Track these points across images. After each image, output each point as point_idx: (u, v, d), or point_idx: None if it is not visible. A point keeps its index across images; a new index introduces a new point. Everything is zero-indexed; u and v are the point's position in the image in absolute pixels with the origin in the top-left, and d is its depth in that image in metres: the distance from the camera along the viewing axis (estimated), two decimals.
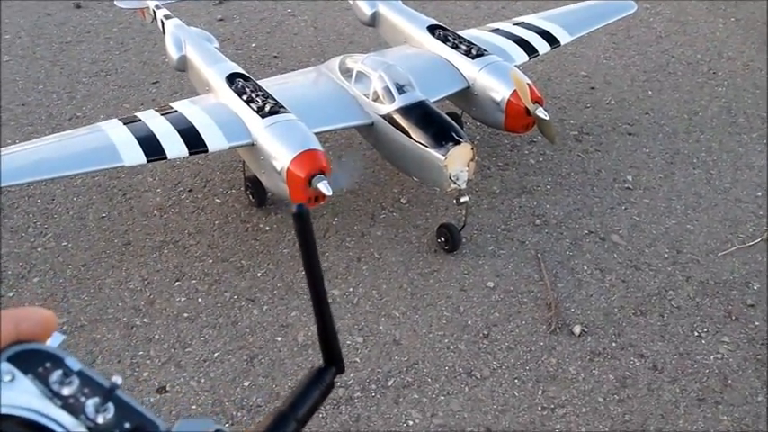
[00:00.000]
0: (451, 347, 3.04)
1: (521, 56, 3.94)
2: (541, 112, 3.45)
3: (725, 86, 4.95)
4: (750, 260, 3.49)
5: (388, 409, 2.79)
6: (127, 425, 0.41)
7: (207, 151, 3.24)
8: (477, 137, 4.29)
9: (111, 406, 0.41)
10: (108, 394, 0.42)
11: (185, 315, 3.20)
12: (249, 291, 3.32)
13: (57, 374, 0.41)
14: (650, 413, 2.77)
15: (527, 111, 3.46)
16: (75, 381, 0.41)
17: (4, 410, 0.38)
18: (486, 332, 3.10)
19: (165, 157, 3.16)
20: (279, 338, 3.09)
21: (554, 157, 4.19)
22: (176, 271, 3.43)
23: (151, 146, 3.15)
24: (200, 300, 3.28)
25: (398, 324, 3.15)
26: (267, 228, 3.67)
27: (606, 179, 4.03)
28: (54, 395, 0.40)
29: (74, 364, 0.42)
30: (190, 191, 3.93)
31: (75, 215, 3.78)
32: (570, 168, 4.11)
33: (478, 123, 4.05)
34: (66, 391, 0.41)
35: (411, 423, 2.74)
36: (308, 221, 0.57)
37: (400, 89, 3.39)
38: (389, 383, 2.89)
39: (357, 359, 2.98)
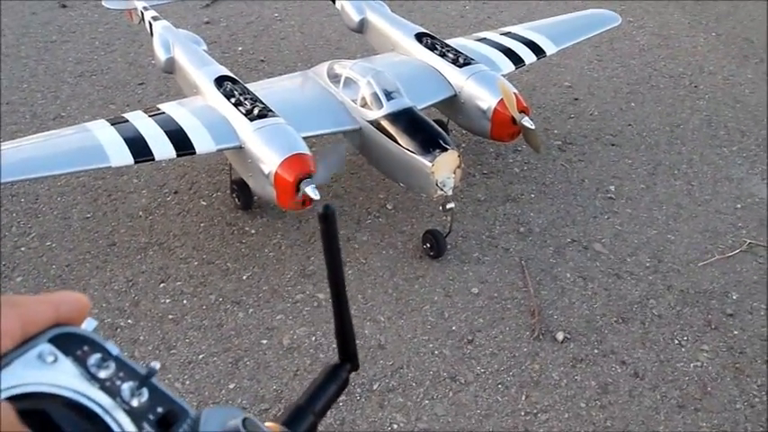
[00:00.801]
0: (436, 352, 3.06)
1: (507, 65, 3.99)
2: (527, 122, 3.49)
3: (706, 100, 5.03)
4: (729, 270, 3.55)
5: (373, 412, 2.81)
6: (159, 409, 0.43)
7: (194, 153, 3.24)
8: (463, 144, 4.32)
9: (145, 391, 0.43)
10: (143, 380, 0.43)
11: (170, 317, 3.19)
12: (235, 293, 3.32)
13: (95, 358, 0.42)
14: (631, 419, 2.81)
15: (513, 120, 3.50)
16: (112, 365, 0.43)
17: (49, 390, 0.39)
18: (470, 338, 3.13)
19: (153, 159, 3.16)
20: (264, 341, 3.09)
21: (538, 166, 4.23)
22: (161, 273, 3.43)
23: (139, 147, 3.15)
24: (185, 302, 3.27)
25: (383, 329, 3.16)
26: (253, 231, 3.67)
27: (589, 189, 4.08)
28: (92, 377, 0.42)
29: (112, 348, 0.44)
30: (175, 193, 3.92)
31: (59, 215, 3.77)
32: (554, 177, 4.15)
33: (464, 131, 4.09)
34: (103, 375, 0.42)
35: (395, 427, 2.76)
36: (333, 222, 0.60)
37: (388, 95, 3.42)
38: (374, 387, 2.90)
39: None
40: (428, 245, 3.51)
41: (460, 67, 3.75)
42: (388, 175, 3.57)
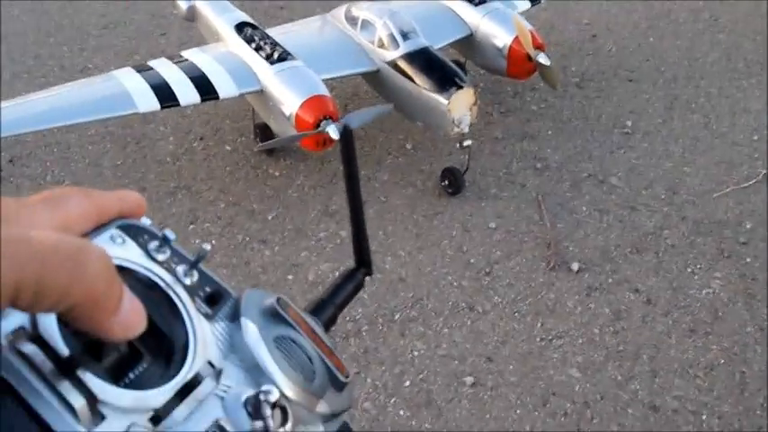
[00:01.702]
0: (455, 284, 3.18)
1: (523, 3, 4.01)
2: (543, 58, 3.53)
3: (726, 33, 5.00)
4: (744, 201, 3.60)
5: (395, 341, 2.95)
6: (207, 288, 0.49)
7: (218, 98, 3.34)
8: (481, 84, 4.37)
9: (195, 273, 0.49)
10: (194, 263, 0.49)
11: (213, 242, 3.33)
12: (260, 233, 3.46)
13: (154, 244, 0.48)
14: (643, 343, 2.92)
15: (529, 57, 3.55)
16: (168, 250, 0.48)
17: (122, 263, 0.45)
18: (487, 270, 3.24)
19: (178, 104, 3.27)
20: (290, 277, 3.23)
21: (555, 103, 4.28)
22: (190, 215, 3.57)
23: (164, 93, 3.26)
24: (213, 242, 3.41)
25: (404, 263, 3.29)
26: (277, 173, 3.79)
27: (606, 124, 4.12)
28: (153, 259, 0.48)
29: (170, 234, 0.49)
30: (201, 139, 4.04)
31: (90, 163, 3.91)
32: (571, 114, 4.20)
33: (482, 71, 4.14)
34: (161, 257, 0.48)
35: (416, 353, 2.90)
36: (351, 139, 0.68)
37: (405, 36, 3.48)
38: (396, 318, 3.04)
39: (365, 296, 3.12)
40: (446, 182, 3.61)
41: (476, 5, 3.79)
42: (406, 115, 3.65)
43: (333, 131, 3.07)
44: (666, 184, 3.70)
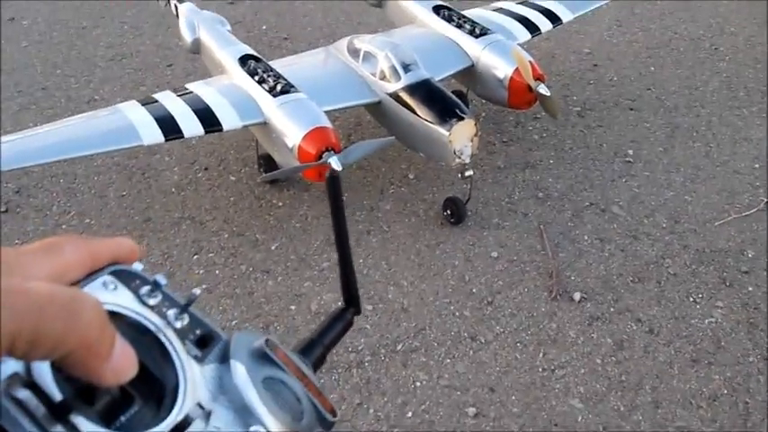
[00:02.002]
0: (457, 314, 3.19)
1: (523, 34, 4.06)
2: (543, 89, 3.57)
3: (726, 61, 5.04)
4: (746, 229, 3.61)
5: (397, 371, 2.95)
6: (198, 331, 0.51)
7: (221, 130, 3.38)
8: (483, 114, 4.41)
9: (186, 316, 0.51)
10: (185, 307, 0.51)
11: (204, 286, 3.36)
12: (264, 263, 3.48)
13: (145, 288, 0.50)
14: (645, 373, 2.92)
15: (529, 87, 3.58)
16: (159, 295, 0.50)
17: (114, 309, 0.48)
18: (490, 299, 3.25)
19: (182, 136, 3.31)
20: (293, 307, 3.25)
21: (557, 132, 4.31)
22: (194, 245, 3.59)
23: (168, 125, 3.30)
24: (217, 272, 3.44)
25: (406, 293, 3.30)
26: (280, 203, 3.82)
27: (607, 153, 4.15)
28: (144, 304, 0.50)
29: (161, 279, 0.51)
30: (206, 169, 4.08)
31: (96, 193, 3.95)
32: (573, 143, 4.23)
33: (484, 101, 4.18)
34: (152, 302, 0.50)
35: (418, 384, 2.90)
36: (338, 184, 0.70)
37: (406, 68, 3.53)
38: (398, 348, 3.04)
39: (367, 326, 3.14)
40: (449, 212, 3.63)
41: (477, 37, 3.83)
42: (408, 146, 3.69)
43: (335, 163, 3.11)
44: (668, 213, 3.72)
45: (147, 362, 0.47)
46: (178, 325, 0.50)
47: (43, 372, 0.42)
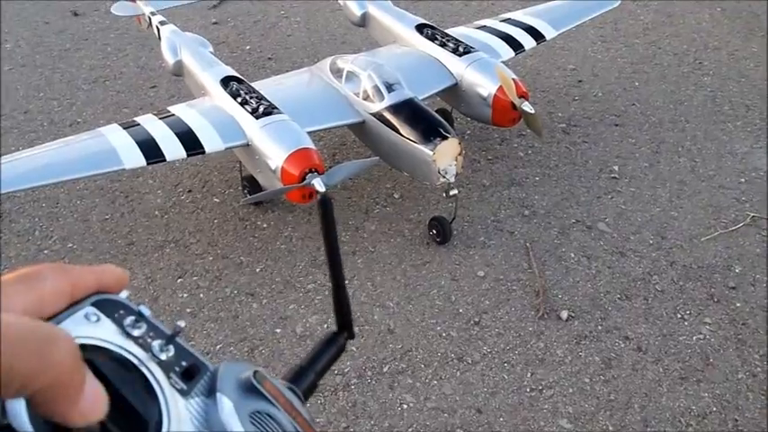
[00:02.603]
0: (444, 334, 3.16)
1: (507, 52, 4.06)
2: (527, 107, 3.56)
3: (710, 76, 5.06)
4: (732, 244, 3.60)
5: (384, 394, 2.92)
6: (184, 363, 0.49)
7: (204, 152, 3.36)
8: (468, 131, 4.41)
9: (171, 347, 0.49)
10: (170, 338, 0.50)
11: (188, 310, 3.32)
12: (249, 286, 3.44)
13: (129, 319, 0.49)
14: (634, 392, 2.90)
15: (513, 105, 3.58)
16: (144, 325, 0.49)
17: (95, 342, 0.46)
18: (476, 319, 3.23)
19: (164, 159, 3.28)
20: (278, 330, 3.21)
21: (542, 149, 4.31)
22: (178, 269, 3.56)
23: (150, 149, 3.27)
24: (201, 295, 3.40)
25: (392, 314, 3.27)
26: (265, 225, 3.79)
27: (593, 169, 4.14)
28: (128, 335, 0.48)
29: (144, 310, 0.50)
30: (189, 191, 4.05)
31: (79, 218, 3.91)
32: (558, 160, 4.23)
33: (468, 119, 4.17)
34: (136, 333, 0.49)
35: (405, 407, 2.86)
36: (329, 207, 0.67)
37: (389, 88, 3.51)
38: (384, 370, 3.01)
39: (353, 348, 3.10)
40: (434, 231, 3.61)
41: (460, 56, 3.83)
42: (392, 166, 3.67)
43: (318, 184, 3.08)
44: (654, 229, 3.71)
45: (129, 396, 0.46)
46: (163, 357, 0.49)
47: (18, 411, 0.41)
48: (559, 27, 4.30)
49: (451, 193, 3.43)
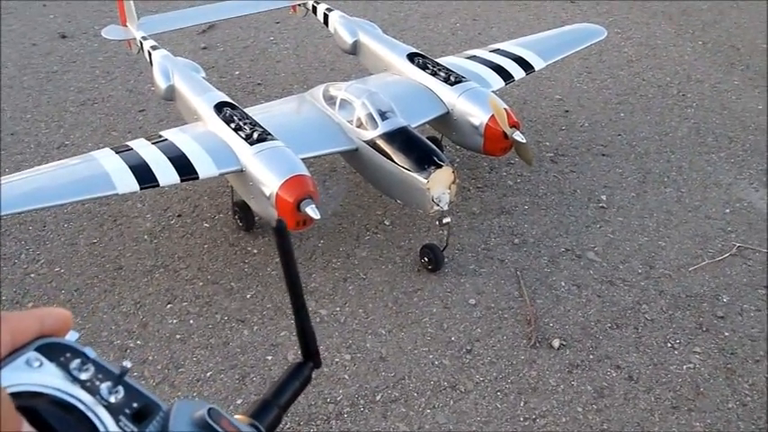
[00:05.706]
0: (436, 363, 3.16)
1: (497, 82, 4.10)
2: (519, 136, 3.60)
3: (694, 108, 5.15)
4: (719, 274, 3.65)
5: (377, 422, 2.90)
6: (135, 404, 0.49)
7: (198, 178, 3.35)
8: (457, 159, 4.44)
9: (121, 389, 0.49)
10: (118, 379, 0.49)
11: (178, 337, 3.29)
12: (239, 312, 3.42)
13: (76, 362, 0.48)
14: (627, 421, 2.91)
15: (505, 134, 3.61)
16: (91, 368, 0.49)
17: (36, 389, 0.46)
18: (468, 347, 3.23)
19: (158, 184, 3.27)
20: (269, 357, 3.19)
21: (531, 178, 4.34)
22: (168, 294, 3.53)
23: (143, 173, 3.26)
24: (191, 321, 3.37)
25: (385, 341, 3.26)
26: (255, 251, 3.78)
27: (581, 199, 4.18)
28: (74, 379, 0.48)
29: (90, 352, 0.49)
30: (179, 216, 4.03)
31: (66, 241, 3.87)
32: (547, 189, 4.26)
33: (458, 147, 4.20)
34: (83, 376, 0.48)
35: None
36: (286, 234, 0.66)
37: (383, 115, 3.54)
38: (377, 398, 3.00)
39: (345, 376, 3.09)
40: (426, 259, 3.62)
41: (452, 85, 3.87)
42: (385, 193, 3.68)
43: (312, 212, 3.08)
44: (643, 259, 3.74)
45: None
46: (112, 399, 0.48)
47: None
48: (548, 58, 4.36)
49: (444, 221, 3.45)
